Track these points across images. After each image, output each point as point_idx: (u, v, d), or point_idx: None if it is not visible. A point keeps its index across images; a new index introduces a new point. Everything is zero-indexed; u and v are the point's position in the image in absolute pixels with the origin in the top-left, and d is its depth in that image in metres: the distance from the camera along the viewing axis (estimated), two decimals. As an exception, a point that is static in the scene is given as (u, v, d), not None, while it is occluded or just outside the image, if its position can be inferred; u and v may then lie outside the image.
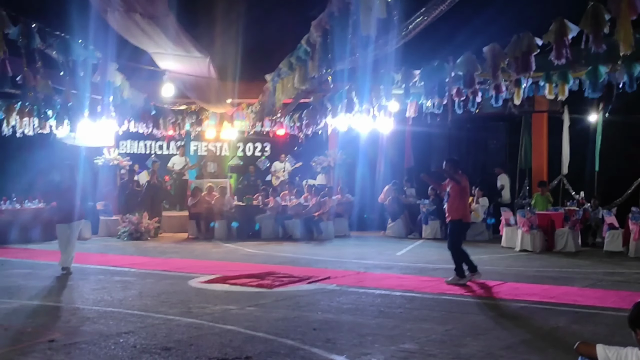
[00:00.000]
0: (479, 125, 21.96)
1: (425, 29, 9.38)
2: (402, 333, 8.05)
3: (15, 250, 16.70)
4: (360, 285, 11.64)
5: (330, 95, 14.80)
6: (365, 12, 7.28)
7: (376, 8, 7.06)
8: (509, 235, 17.67)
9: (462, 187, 12.25)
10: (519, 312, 9.44)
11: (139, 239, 19.41)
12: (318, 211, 20.02)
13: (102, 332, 8.27)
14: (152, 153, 23.99)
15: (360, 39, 8.40)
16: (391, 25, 8.18)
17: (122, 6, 9.38)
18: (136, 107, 16.02)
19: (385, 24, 7.75)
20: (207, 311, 9.35)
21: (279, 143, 23.89)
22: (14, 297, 10.38)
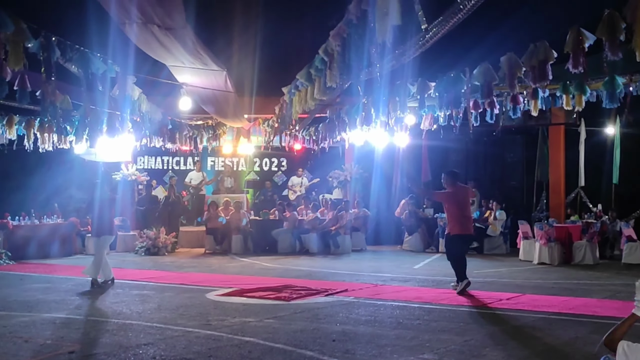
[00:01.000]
0: (495, 138, 21.90)
1: (442, 40, 9.40)
2: (420, 344, 8.03)
3: (34, 266, 16.81)
4: (377, 297, 11.62)
5: (347, 108, 14.83)
6: (381, 18, 7.32)
7: (392, 14, 7.09)
8: (527, 249, 17.61)
9: (458, 199, 12.29)
10: (537, 323, 9.38)
11: (156, 254, 19.49)
12: (335, 225, 20.04)
13: (121, 343, 8.30)
14: (169, 168, 24.19)
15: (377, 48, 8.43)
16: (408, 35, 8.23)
17: (141, 18, 9.46)
18: (154, 121, 16.13)
19: (402, 33, 7.79)
20: (226, 323, 9.36)
21: (296, 158, 23.97)
22: (33, 311, 10.44)
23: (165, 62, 12.90)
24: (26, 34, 8.46)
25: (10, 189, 22.00)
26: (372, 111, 13.67)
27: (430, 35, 8.69)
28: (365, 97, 13.56)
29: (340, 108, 15.60)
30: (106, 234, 13.39)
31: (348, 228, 20.32)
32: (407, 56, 9.64)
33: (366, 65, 9.55)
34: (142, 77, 13.32)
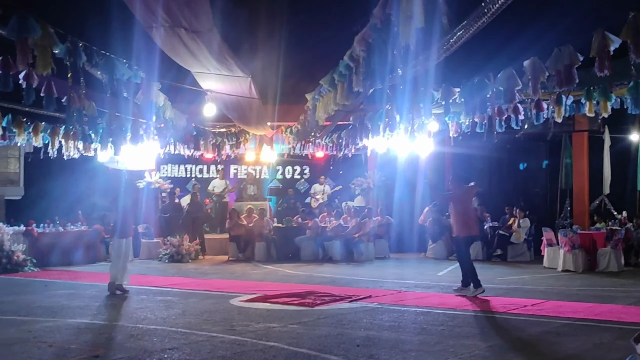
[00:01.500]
0: (519, 146, 21.82)
1: (466, 46, 9.38)
2: (444, 349, 8.00)
3: (58, 272, 16.93)
4: (401, 303, 11.59)
5: (371, 115, 14.83)
6: (405, 20, 7.32)
7: (415, 17, 7.10)
8: (551, 256, 17.49)
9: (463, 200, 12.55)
10: (562, 329, 9.31)
11: (179, 261, 19.57)
12: (358, 232, 20.02)
13: (146, 348, 8.34)
14: (193, 176, 24.32)
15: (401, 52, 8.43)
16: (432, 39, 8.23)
17: (168, 21, 9.52)
18: (178, 128, 16.22)
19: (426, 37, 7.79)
20: (250, 329, 9.38)
21: (318, 165, 24.01)
22: (58, 316, 10.52)
23: (191, 69, 12.97)
24: (53, 39, 8.54)
25: (35, 196, 22.22)
26: (397, 117, 13.65)
27: (455, 40, 8.68)
28: (389, 104, 13.55)
29: (363, 115, 15.59)
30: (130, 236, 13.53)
31: (371, 235, 20.29)
32: (431, 61, 9.64)
33: (390, 70, 9.56)
34: (167, 83, 13.40)
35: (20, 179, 23.13)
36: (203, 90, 15.20)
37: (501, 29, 9.87)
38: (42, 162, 21.00)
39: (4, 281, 15.25)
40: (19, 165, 22.75)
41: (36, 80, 9.97)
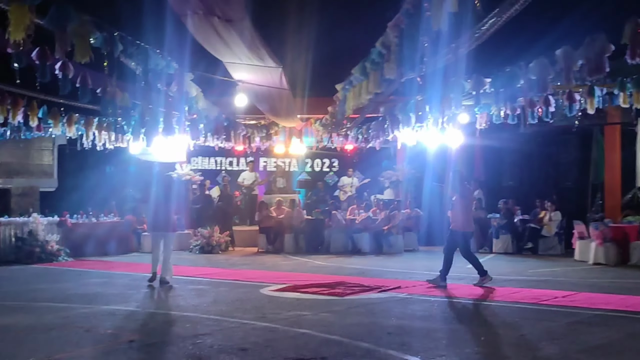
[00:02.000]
0: (549, 139, 21.67)
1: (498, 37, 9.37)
2: (475, 337, 8.02)
3: (92, 262, 17.16)
4: (431, 294, 11.61)
5: (401, 106, 14.82)
6: (437, 4, 7.33)
7: (448, 1, 7.11)
8: (582, 249, 17.35)
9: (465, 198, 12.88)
10: (594, 319, 9.27)
11: (210, 253, 19.73)
12: (387, 225, 20.03)
13: (180, 334, 8.47)
14: (223, 169, 24.48)
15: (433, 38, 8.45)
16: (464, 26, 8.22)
17: (202, 8, 9.60)
18: (210, 119, 16.34)
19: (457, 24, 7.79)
20: (281, 317, 9.46)
21: (347, 158, 24.03)
22: (93, 303, 10.68)
23: (223, 58, 13.06)
24: (91, 28, 8.67)
25: (68, 188, 22.55)
26: (427, 108, 13.64)
27: (487, 28, 8.67)
28: (419, 94, 13.55)
29: (393, 105, 15.59)
30: (169, 230, 13.29)
31: (400, 228, 20.28)
32: (462, 50, 9.62)
33: (422, 58, 9.58)
34: (199, 73, 13.50)
35: (54, 170, 23.50)
36: (234, 81, 15.29)
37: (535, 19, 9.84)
38: (75, 155, 21.33)
39: (38, 270, 15.50)
40: (52, 157, 23.10)
41: (72, 71, 10.13)
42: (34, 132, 17.45)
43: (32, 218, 17.70)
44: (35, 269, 15.79)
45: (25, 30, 7.69)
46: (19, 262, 16.72)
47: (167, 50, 11.18)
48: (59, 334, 8.35)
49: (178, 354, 7.35)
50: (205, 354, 7.26)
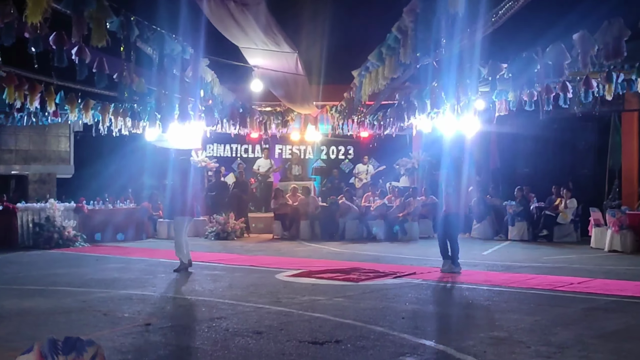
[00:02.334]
0: (566, 125, 21.53)
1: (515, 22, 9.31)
2: (490, 322, 8.04)
3: (109, 248, 17.29)
4: (446, 280, 11.63)
5: (417, 92, 14.78)
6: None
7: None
8: (598, 236, 17.29)
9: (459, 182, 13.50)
10: (609, 305, 9.27)
11: (225, 239, 19.82)
12: (402, 212, 20.04)
13: (196, 317, 8.55)
14: (238, 156, 24.55)
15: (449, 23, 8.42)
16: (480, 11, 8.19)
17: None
18: (225, 105, 16.36)
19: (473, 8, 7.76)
20: (296, 301, 9.51)
21: (362, 145, 24.03)
22: (110, 287, 10.78)
23: (238, 43, 13.07)
24: (108, 12, 8.70)
25: (85, 174, 22.72)
26: (443, 94, 13.60)
27: (503, 12, 8.63)
28: (435, 80, 13.51)
29: (409, 92, 15.55)
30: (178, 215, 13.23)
31: (416, 215, 20.28)
32: (478, 34, 9.58)
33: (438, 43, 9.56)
34: (214, 59, 13.51)
35: (71, 157, 23.68)
36: (250, 66, 15.31)
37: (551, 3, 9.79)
38: (92, 142, 21.47)
39: (56, 255, 15.64)
40: (69, 144, 23.26)
41: (89, 56, 10.19)
42: (51, 117, 17.54)
43: (49, 204, 17.85)
44: (53, 254, 15.94)
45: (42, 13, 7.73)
46: (37, 247, 16.89)
47: (182, 35, 11.20)
48: (77, 317, 8.46)
49: (194, 337, 7.42)
50: (221, 337, 7.32)
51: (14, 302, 9.38)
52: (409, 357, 6.41)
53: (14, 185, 23.17)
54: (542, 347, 6.78)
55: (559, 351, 6.60)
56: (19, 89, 13.13)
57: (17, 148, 22.75)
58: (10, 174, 22.89)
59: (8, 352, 6.26)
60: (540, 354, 6.49)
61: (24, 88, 13.21)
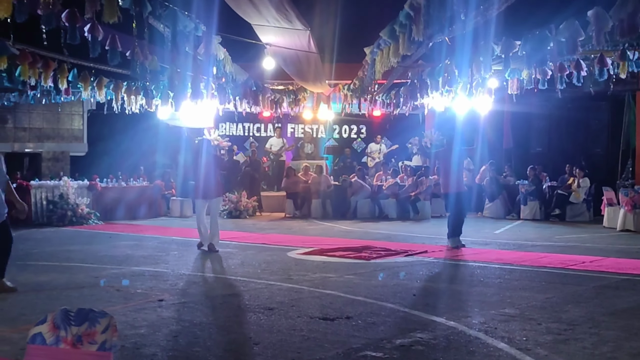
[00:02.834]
0: (580, 104, 21.40)
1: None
2: (501, 300, 8.05)
3: (122, 226, 17.39)
4: (458, 258, 11.65)
5: (429, 70, 14.70)
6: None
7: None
8: (611, 215, 17.24)
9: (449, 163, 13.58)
10: (621, 283, 9.26)
11: (237, 217, 19.88)
12: (414, 191, 20.03)
13: (208, 294, 8.61)
14: (250, 135, 24.56)
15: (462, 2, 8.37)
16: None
17: (230, -32, 9.60)
18: (238, 83, 16.34)
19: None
20: (307, 278, 9.56)
21: (375, 124, 23.98)
22: (123, 264, 10.86)
23: (250, 21, 13.04)
24: (120, -13, 8.72)
25: (98, 152, 22.81)
26: (456, 72, 13.52)
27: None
28: (448, 58, 13.43)
29: (422, 70, 15.47)
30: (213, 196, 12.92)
31: (428, 194, 20.27)
32: (492, 11, 9.50)
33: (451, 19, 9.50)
34: (226, 37, 13.47)
35: (84, 135, 23.77)
36: (262, 44, 15.27)
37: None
38: (105, 120, 21.57)
39: (70, 233, 15.76)
40: (82, 122, 23.34)
41: (101, 33, 10.19)
42: (64, 96, 17.59)
43: (63, 182, 17.96)
44: (67, 231, 16.06)
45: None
46: (51, 224, 17.02)
47: (195, 12, 11.17)
48: (90, 292, 8.54)
49: (206, 313, 7.49)
50: (233, 313, 7.38)
51: (28, 278, 9.48)
52: (419, 333, 6.44)
53: (27, 163, 23.32)
54: (553, 324, 6.80)
55: (569, 328, 6.62)
56: (33, 67, 13.16)
57: (30, 126, 22.87)
58: (24, 151, 23.04)
59: (23, 326, 6.35)
60: (550, 331, 6.51)
61: (37, 65, 13.23)
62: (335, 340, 6.18)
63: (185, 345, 6.09)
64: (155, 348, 5.98)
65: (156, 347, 6.02)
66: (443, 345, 6.05)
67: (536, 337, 6.27)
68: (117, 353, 5.55)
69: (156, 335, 6.39)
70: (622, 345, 6.04)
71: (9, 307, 7.69)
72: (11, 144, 22.57)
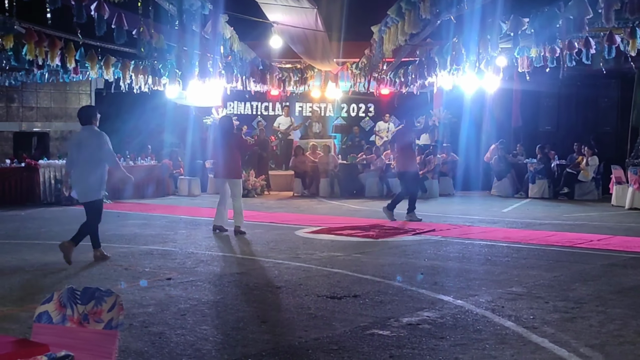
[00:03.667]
0: (589, 82, 21.26)
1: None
2: (509, 278, 8.05)
3: (130, 205, 17.42)
4: (465, 237, 11.64)
5: (437, 48, 14.62)
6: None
7: None
8: (619, 194, 17.15)
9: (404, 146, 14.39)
10: (629, 262, 9.24)
11: (246, 196, 19.74)
12: (422, 170, 19.99)
13: (216, 272, 8.63)
14: (258, 114, 24.53)
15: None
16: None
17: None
18: (245, 61, 16.28)
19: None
20: (315, 257, 9.58)
21: (383, 103, 23.89)
22: (132, 243, 10.91)
23: (257, 0, 12.99)
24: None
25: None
26: (463, 51, 13.43)
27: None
28: (456, 36, 13.34)
29: (430, 48, 15.39)
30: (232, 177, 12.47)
31: (436, 173, 20.23)
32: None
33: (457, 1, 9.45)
34: (234, 15, 13.41)
35: (92, 115, 23.69)
36: (269, 22, 15.21)
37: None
38: (113, 99, 21.53)
39: (78, 212, 15.64)
40: (90, 101, 23.32)
41: (107, 12, 10.15)
42: (72, 75, 17.58)
43: (71, 161, 17.93)
44: (74, 210, 16.02)
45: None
46: (59, 203, 17.05)
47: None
48: (99, 271, 8.59)
49: (214, 291, 7.51)
50: (241, 291, 7.41)
51: (36, 257, 9.54)
52: (427, 311, 6.45)
53: (35, 143, 23.35)
54: (560, 302, 6.80)
55: (577, 306, 6.62)
56: (39, 45, 13.13)
57: (38, 105, 22.89)
58: (32, 131, 23.07)
59: (31, 304, 6.38)
60: (558, 309, 6.51)
61: (43, 44, 13.21)
62: (342, 319, 6.20)
63: (193, 323, 6.11)
64: (163, 326, 6.01)
65: (164, 325, 6.05)
66: (450, 323, 6.06)
67: (543, 316, 6.28)
68: (125, 331, 5.59)
69: (164, 314, 6.42)
70: (629, 323, 6.03)
71: (17, 285, 7.74)
72: (19, 123, 22.62)
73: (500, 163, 20.31)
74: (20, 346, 2.81)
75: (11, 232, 12.29)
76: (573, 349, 5.26)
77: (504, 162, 20.29)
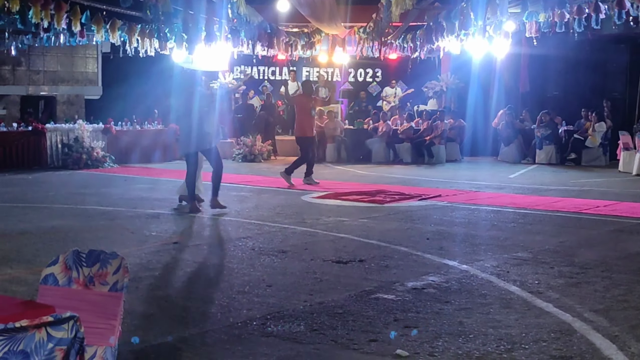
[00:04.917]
0: (598, 47, 21.03)
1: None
2: (515, 244, 8.06)
3: (137, 169, 17.45)
4: (472, 202, 11.63)
5: (445, 13, 14.50)
6: None
7: None
8: (627, 160, 17.08)
9: (301, 109, 14.64)
10: (635, 228, 9.24)
11: (252, 161, 19.88)
12: (429, 135, 19.94)
13: (222, 237, 8.68)
14: (265, 78, 24.42)
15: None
16: None
17: None
18: (252, 25, 16.18)
19: None
20: (321, 222, 9.60)
21: (391, 68, 23.75)
22: (138, 207, 10.93)
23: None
24: None
25: (112, 96, 22.75)
26: (472, 15, 13.32)
27: None
28: (464, 1, 13.23)
29: (438, 13, 15.27)
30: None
31: (443, 138, 20.17)
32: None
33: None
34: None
35: (98, 78, 23.70)
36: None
37: None
38: (119, 63, 21.44)
39: (85, 176, 15.83)
40: (97, 65, 23.26)
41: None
42: (79, 38, 17.50)
43: (78, 125, 17.96)
44: (81, 174, 16.13)
45: None
46: (66, 167, 17.06)
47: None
48: (105, 235, 8.62)
49: (220, 255, 7.56)
50: (247, 255, 7.43)
51: (44, 220, 9.58)
52: (432, 276, 6.47)
53: (42, 106, 23.33)
54: (566, 267, 6.81)
55: (582, 272, 6.63)
56: (45, 8, 13.07)
57: (45, 69, 22.83)
58: (39, 95, 23.04)
59: (37, 267, 6.42)
60: (563, 274, 6.53)
61: (49, 7, 13.14)
62: (347, 283, 6.23)
63: (199, 287, 6.15)
64: (170, 290, 6.05)
65: (170, 288, 6.09)
66: (455, 288, 6.08)
67: (548, 281, 6.30)
68: (131, 294, 5.63)
69: (170, 277, 6.47)
70: (633, 288, 6.05)
71: (24, 248, 7.78)
72: (26, 87, 22.57)
73: (507, 129, 20.22)
74: (27, 307, 2.83)
75: (18, 196, 12.33)
76: (577, 314, 5.28)
77: (512, 128, 20.21)
